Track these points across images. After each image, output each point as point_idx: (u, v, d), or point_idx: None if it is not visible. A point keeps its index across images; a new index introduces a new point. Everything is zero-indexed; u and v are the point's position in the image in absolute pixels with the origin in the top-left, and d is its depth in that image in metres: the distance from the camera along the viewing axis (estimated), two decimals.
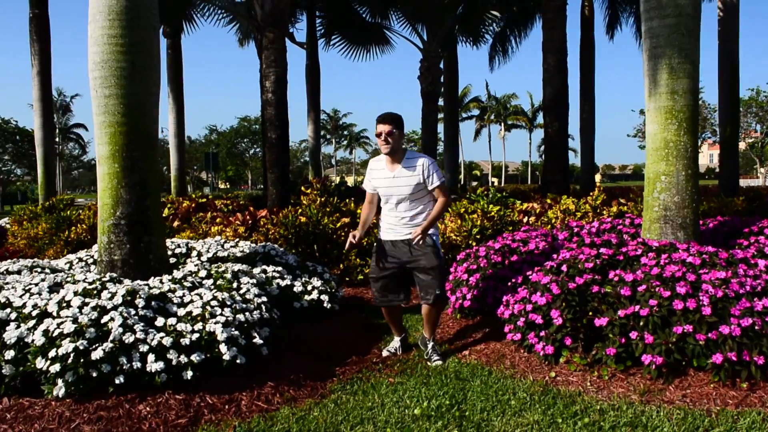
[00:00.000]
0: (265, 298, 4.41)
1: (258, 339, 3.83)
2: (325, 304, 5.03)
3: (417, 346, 4.50)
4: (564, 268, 4.17)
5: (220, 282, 4.39)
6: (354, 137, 74.18)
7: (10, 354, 3.25)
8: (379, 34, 16.98)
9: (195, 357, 3.42)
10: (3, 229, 10.35)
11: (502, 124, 64.81)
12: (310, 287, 5.11)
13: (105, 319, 3.45)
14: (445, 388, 3.66)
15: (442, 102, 19.17)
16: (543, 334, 3.94)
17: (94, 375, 3.23)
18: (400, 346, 4.48)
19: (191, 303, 3.86)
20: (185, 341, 3.47)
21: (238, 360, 3.58)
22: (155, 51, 4.63)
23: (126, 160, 4.38)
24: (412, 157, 4.08)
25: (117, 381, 3.26)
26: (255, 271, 4.97)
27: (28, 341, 3.34)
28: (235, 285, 4.42)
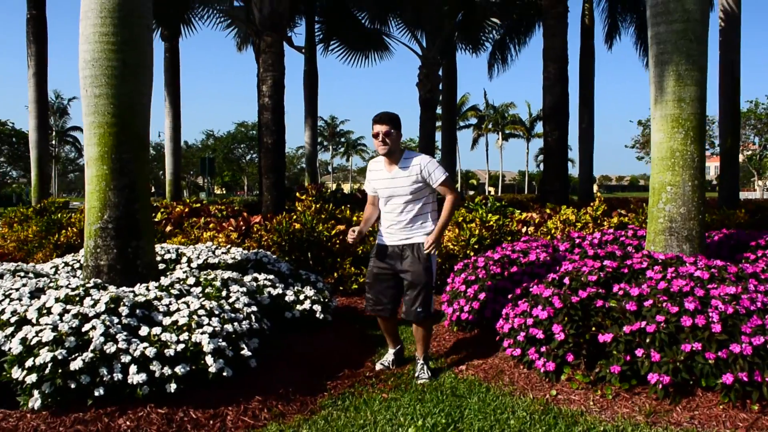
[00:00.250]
0: (255, 307, 4.25)
1: (246, 351, 3.67)
2: (318, 314, 4.86)
3: (413, 359, 4.34)
4: (566, 280, 4.01)
5: (208, 290, 4.23)
6: (351, 144, 74.11)
7: None
8: (378, 40, 16.88)
9: (179, 369, 3.27)
10: None
11: (499, 133, 64.94)
12: (302, 297, 4.95)
13: (86, 328, 3.30)
14: (441, 405, 3.49)
15: (440, 110, 19.06)
16: (544, 349, 3.78)
17: (72, 386, 3.09)
18: (394, 359, 4.31)
19: (178, 312, 3.70)
20: (170, 352, 3.32)
21: (224, 372, 3.43)
22: (148, 50, 4.50)
23: (115, 162, 4.25)
24: (409, 157, 3.93)
25: (96, 393, 3.12)
26: (246, 279, 4.80)
27: (5, 349, 3.20)
28: (225, 293, 4.25)
